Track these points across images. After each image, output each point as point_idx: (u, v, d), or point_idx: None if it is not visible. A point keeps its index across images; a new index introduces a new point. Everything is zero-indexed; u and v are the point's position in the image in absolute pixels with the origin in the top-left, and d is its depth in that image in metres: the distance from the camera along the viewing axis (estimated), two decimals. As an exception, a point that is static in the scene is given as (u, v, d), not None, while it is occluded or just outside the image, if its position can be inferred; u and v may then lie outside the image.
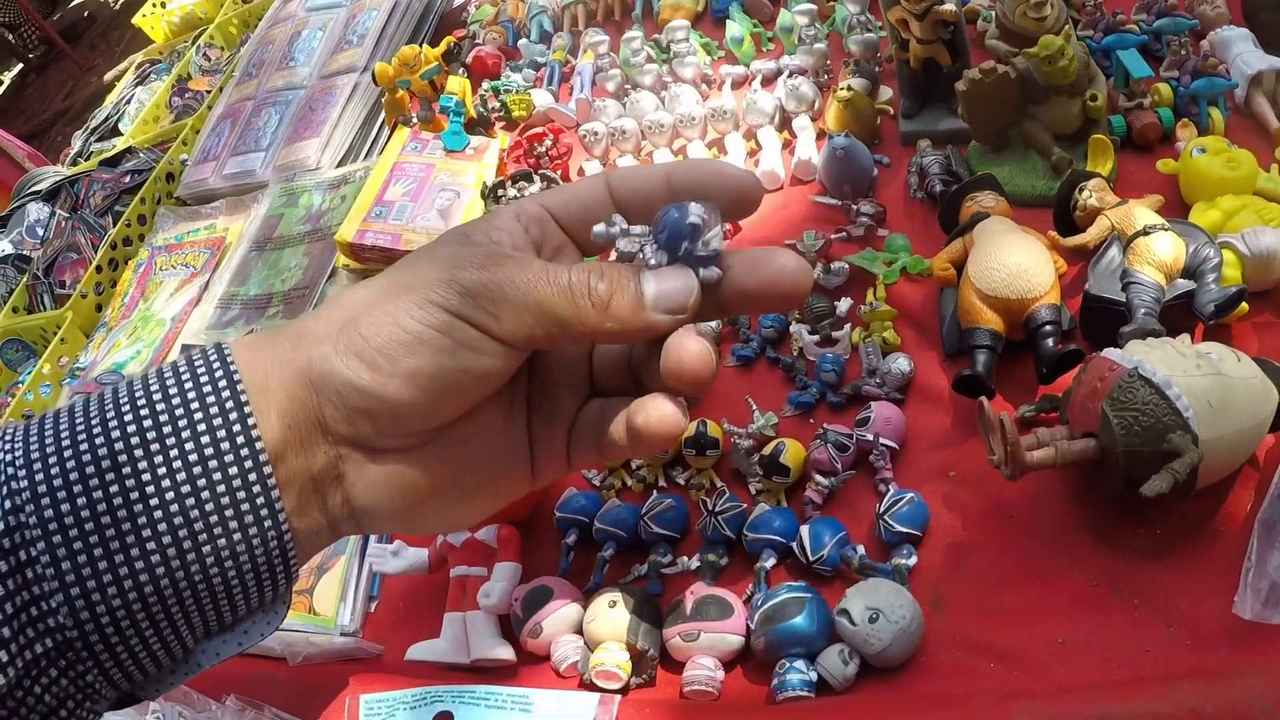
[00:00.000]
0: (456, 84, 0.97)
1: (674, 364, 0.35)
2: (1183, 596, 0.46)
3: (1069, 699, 0.42)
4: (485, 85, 0.98)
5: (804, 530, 0.53)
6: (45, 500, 0.31)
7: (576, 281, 0.35)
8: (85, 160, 1.40)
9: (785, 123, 0.78)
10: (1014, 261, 0.55)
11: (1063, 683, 0.45)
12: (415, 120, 0.98)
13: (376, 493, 0.36)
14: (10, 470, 0.31)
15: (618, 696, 0.49)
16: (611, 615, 0.52)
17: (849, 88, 0.69)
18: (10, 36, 4.43)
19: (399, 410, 0.35)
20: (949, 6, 0.64)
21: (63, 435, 0.32)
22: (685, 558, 0.56)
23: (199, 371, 0.33)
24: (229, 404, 0.32)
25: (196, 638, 0.34)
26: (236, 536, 0.32)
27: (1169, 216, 0.57)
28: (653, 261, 0.35)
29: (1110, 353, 0.49)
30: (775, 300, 0.35)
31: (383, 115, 1.05)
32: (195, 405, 0.32)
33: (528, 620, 0.54)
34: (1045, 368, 0.54)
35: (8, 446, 0.32)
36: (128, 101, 1.52)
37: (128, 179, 1.23)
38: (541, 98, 0.94)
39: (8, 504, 0.30)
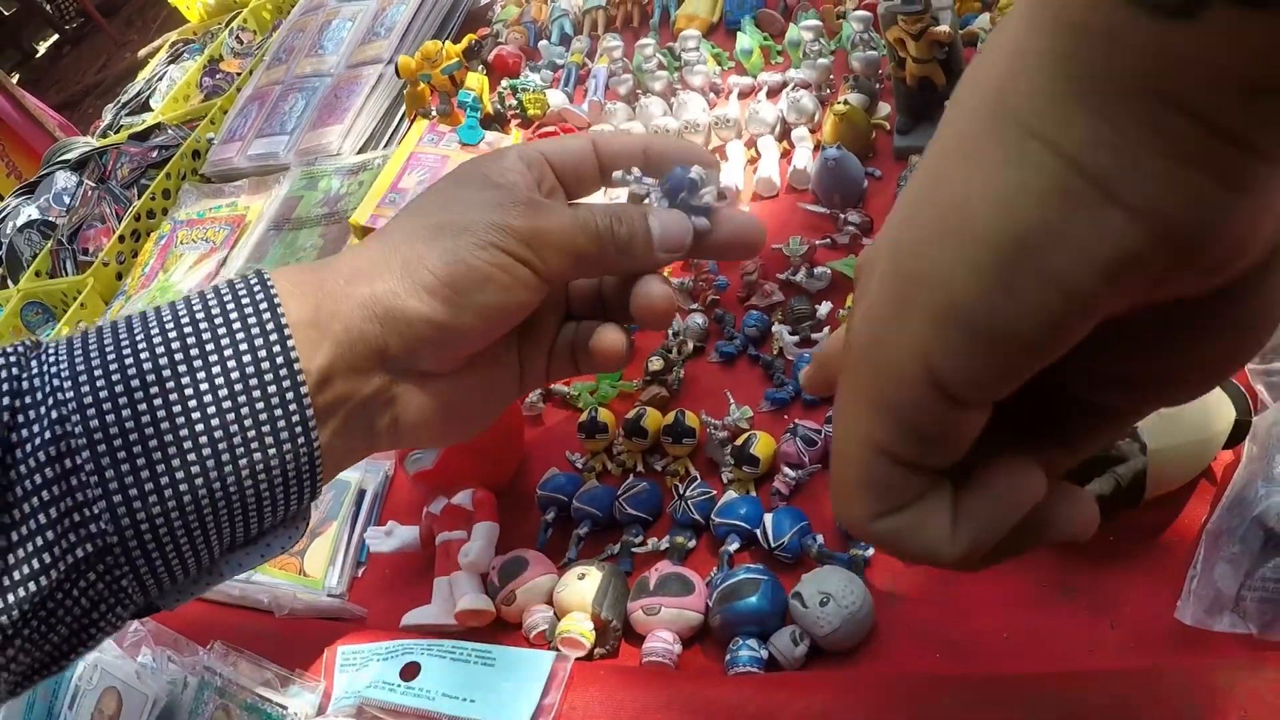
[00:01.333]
0: (475, 80, 1.00)
1: (643, 301, 0.43)
2: (1130, 601, 0.48)
3: (1001, 684, 0.44)
4: (504, 83, 1.01)
5: (767, 518, 0.55)
6: (91, 411, 0.32)
7: (604, 227, 0.41)
8: (115, 133, 1.44)
9: (785, 133, 0.80)
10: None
11: (1001, 672, 0.47)
12: (434, 113, 1.02)
13: (425, 413, 0.41)
14: (56, 382, 0.33)
15: (573, 656, 0.52)
16: (580, 586, 0.54)
17: (845, 102, 0.72)
18: (48, 7, 4.52)
19: (462, 338, 0.40)
20: (943, 28, 0.67)
21: (107, 350, 0.34)
22: (656, 539, 0.58)
23: (240, 295, 0.36)
24: (269, 325, 0.35)
25: (223, 548, 0.36)
26: (271, 452, 0.34)
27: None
28: (655, 205, 0.43)
29: (1068, 364, 0.51)
30: (739, 249, 0.45)
31: (404, 107, 1.09)
32: (237, 325, 0.35)
33: (503, 588, 0.57)
34: (1009, 377, 0.56)
35: (52, 359, 0.34)
36: (160, 79, 1.56)
37: (155, 154, 1.27)
38: (556, 98, 0.97)
39: (54, 414, 0.32)
